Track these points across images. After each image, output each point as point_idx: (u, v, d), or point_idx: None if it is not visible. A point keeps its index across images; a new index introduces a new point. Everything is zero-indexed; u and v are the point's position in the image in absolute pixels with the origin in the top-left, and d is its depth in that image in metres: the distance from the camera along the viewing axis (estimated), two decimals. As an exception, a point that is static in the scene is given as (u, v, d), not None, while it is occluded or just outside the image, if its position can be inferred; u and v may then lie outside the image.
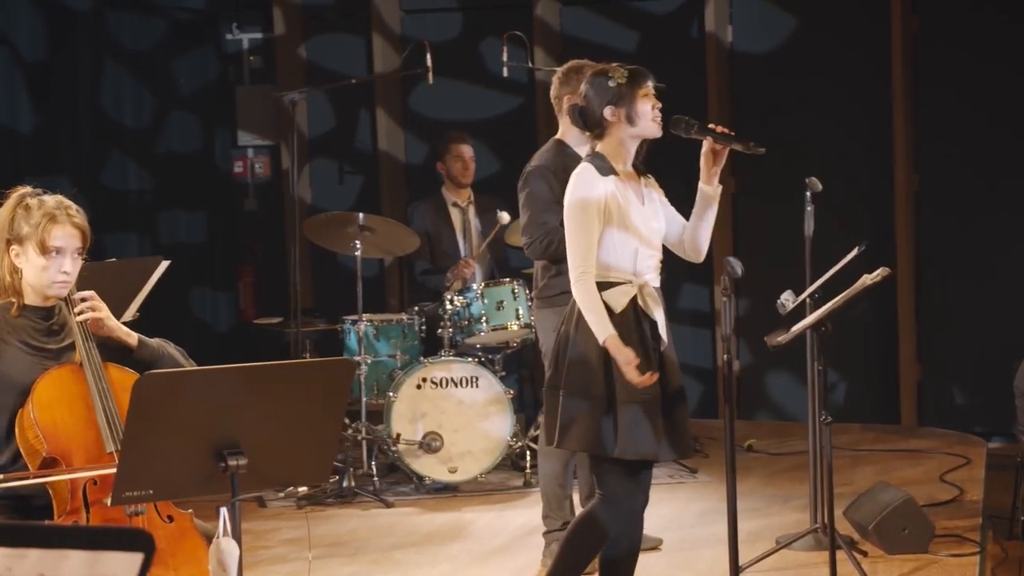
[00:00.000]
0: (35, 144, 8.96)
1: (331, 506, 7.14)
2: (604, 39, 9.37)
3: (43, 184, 8.61)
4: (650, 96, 4.72)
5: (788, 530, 6.38)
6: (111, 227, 9.43)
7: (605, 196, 4.64)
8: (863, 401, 9.23)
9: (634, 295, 4.65)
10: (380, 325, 7.70)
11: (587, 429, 4.62)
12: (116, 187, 9.63)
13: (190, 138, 10.28)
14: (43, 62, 9.04)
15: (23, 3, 8.93)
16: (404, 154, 10.18)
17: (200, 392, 3.73)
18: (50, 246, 4.22)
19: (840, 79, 9.17)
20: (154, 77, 9.94)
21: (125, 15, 9.73)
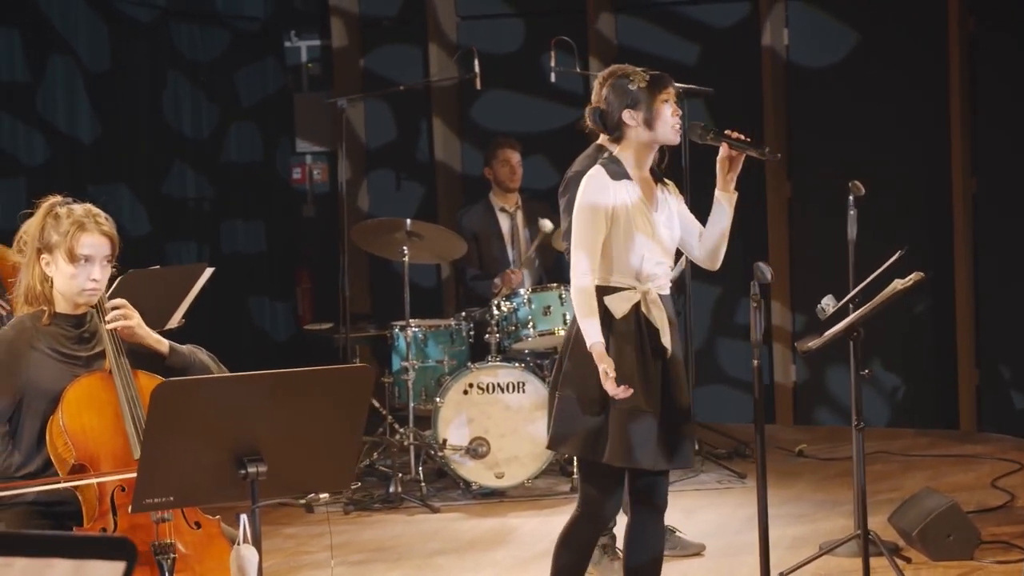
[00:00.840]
0: (96, 153, 9.06)
1: (378, 511, 7.17)
2: (661, 50, 9.33)
3: (103, 192, 8.82)
4: (670, 102, 4.68)
5: (834, 535, 6.33)
6: (171, 236, 9.53)
7: (614, 201, 4.61)
8: (921, 406, 9.14)
9: (637, 301, 4.62)
10: (428, 330, 7.72)
11: (580, 433, 4.60)
12: (176, 196, 9.72)
13: (251, 148, 10.37)
14: (106, 72, 9.14)
15: (86, 13, 9.04)
16: (460, 164, 10.20)
17: (218, 399, 3.76)
18: (79, 254, 4.26)
19: (896, 84, 9.08)
20: (216, 87, 10.04)
21: (188, 26, 9.82)
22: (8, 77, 8.49)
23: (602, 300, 4.61)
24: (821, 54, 9.31)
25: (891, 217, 8.77)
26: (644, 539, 4.76)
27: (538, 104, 9.83)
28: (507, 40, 9.93)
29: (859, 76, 9.18)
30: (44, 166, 8.62)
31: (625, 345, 4.59)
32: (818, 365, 9.23)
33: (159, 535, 4.09)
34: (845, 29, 9.23)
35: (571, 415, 4.62)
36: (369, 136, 10.45)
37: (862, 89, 9.17)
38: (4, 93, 8.46)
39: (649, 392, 4.58)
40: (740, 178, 4.73)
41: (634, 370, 4.57)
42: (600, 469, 4.62)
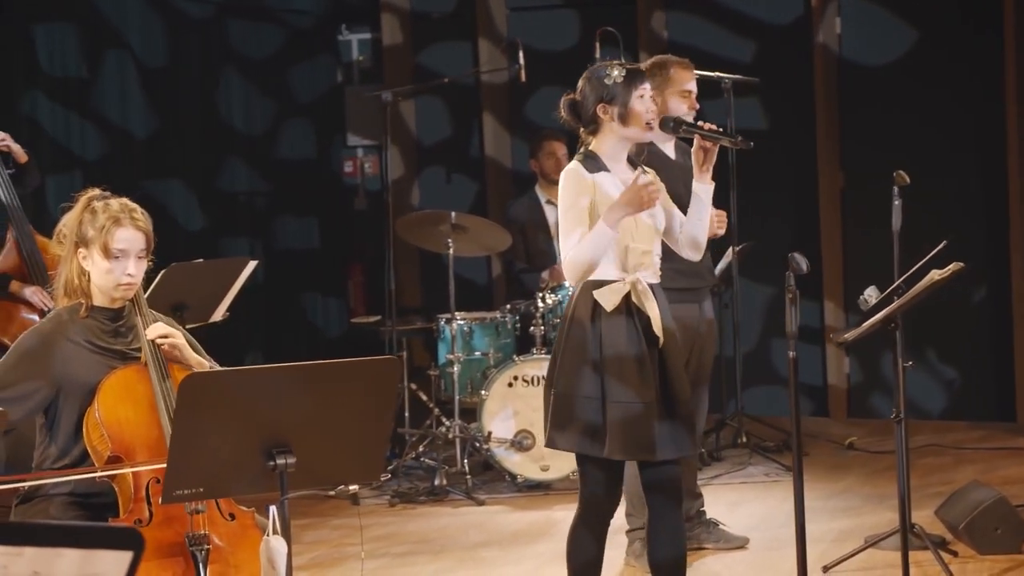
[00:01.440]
0: (151, 148, 9.12)
1: (423, 504, 7.18)
2: (712, 46, 9.26)
3: (157, 188, 8.88)
4: (645, 98, 4.64)
5: (880, 529, 6.27)
6: (225, 231, 9.58)
7: (593, 195, 4.58)
8: (977, 398, 9.04)
9: (627, 292, 4.59)
10: (474, 323, 7.72)
11: (578, 429, 4.58)
12: (230, 192, 9.77)
13: (305, 144, 10.41)
14: (161, 67, 9.20)
15: (142, 9, 9.10)
16: (511, 160, 10.19)
17: (247, 391, 3.77)
18: (113, 249, 4.29)
19: (950, 77, 8.98)
20: (270, 83, 10.08)
21: (243, 21, 9.87)
22: (65, 72, 8.57)
23: (591, 294, 4.58)
24: (874, 50, 9.22)
25: (946, 208, 8.67)
26: (666, 531, 4.72)
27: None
28: (561, 36, 9.89)
29: (913, 67, 9.08)
30: (99, 161, 8.69)
31: (618, 338, 4.55)
32: (871, 358, 9.15)
33: (193, 526, 4.12)
34: (900, 24, 9.13)
35: (567, 412, 4.58)
36: (420, 131, 10.46)
37: (916, 79, 9.07)
38: (61, 88, 8.53)
39: (644, 384, 4.54)
40: (792, 176, 4.70)
41: (629, 363, 4.54)
42: (599, 464, 4.59)
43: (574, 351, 4.58)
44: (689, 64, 5.92)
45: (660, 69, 5.89)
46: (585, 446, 4.62)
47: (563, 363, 4.64)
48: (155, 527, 4.12)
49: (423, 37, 10.44)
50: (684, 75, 5.85)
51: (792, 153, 9.36)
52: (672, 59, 5.92)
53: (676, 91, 5.81)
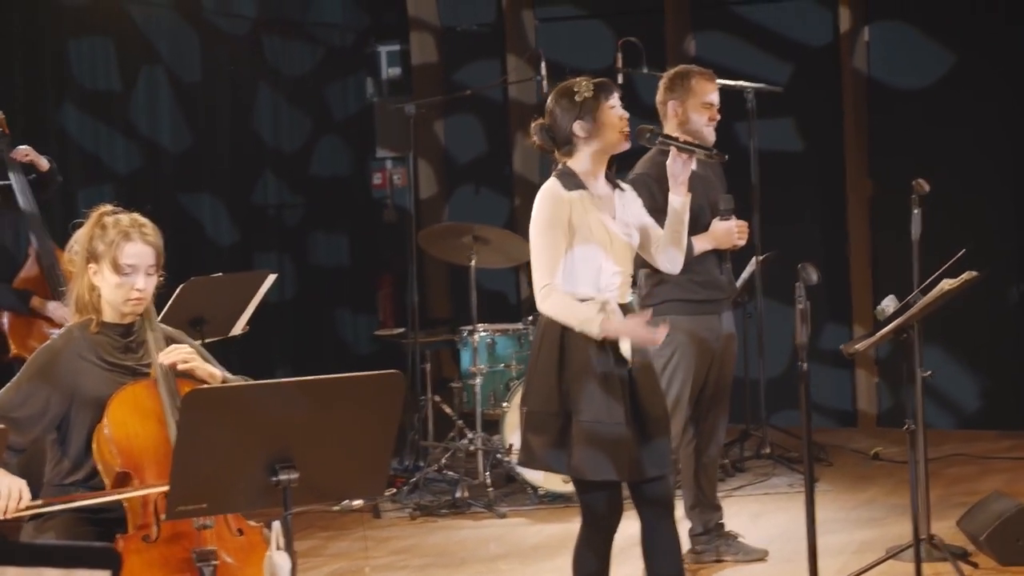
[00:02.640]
0: (185, 162, 9.16)
1: (444, 516, 7.18)
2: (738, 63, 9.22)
3: (190, 202, 8.91)
4: (617, 108, 4.62)
5: (903, 540, 6.21)
6: (258, 246, 9.60)
7: (570, 213, 4.55)
8: (1005, 407, 8.96)
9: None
10: (496, 335, 7.71)
11: (546, 447, 4.56)
12: (263, 207, 9.80)
13: (339, 160, 10.44)
14: (196, 82, 9.25)
15: (180, 25, 9.15)
16: (539, 175, 10.16)
17: (250, 407, 3.77)
18: (122, 264, 4.30)
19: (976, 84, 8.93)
20: (306, 99, 10.10)
21: (279, 38, 9.90)
22: (102, 86, 8.62)
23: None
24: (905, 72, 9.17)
25: (971, 218, 8.61)
26: (661, 544, 4.71)
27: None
28: (590, 48, 9.84)
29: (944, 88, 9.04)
30: (131, 174, 8.73)
31: (585, 357, 4.53)
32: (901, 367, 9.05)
33: (201, 542, 4.12)
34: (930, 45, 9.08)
35: (539, 429, 4.57)
36: (452, 147, 10.46)
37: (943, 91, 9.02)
38: (98, 101, 8.58)
39: (611, 403, 4.52)
40: (825, 193, 4.67)
41: (595, 382, 4.52)
42: (593, 484, 4.58)
43: (544, 368, 4.57)
44: (711, 75, 5.88)
45: (682, 80, 5.87)
46: (552, 463, 4.62)
47: (533, 380, 4.64)
48: (163, 543, 4.13)
49: (453, 52, 10.43)
50: (706, 86, 5.81)
51: (823, 170, 9.30)
52: (694, 69, 5.89)
53: (698, 102, 5.78)
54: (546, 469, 4.76)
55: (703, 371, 5.81)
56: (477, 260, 7.55)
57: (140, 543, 4.12)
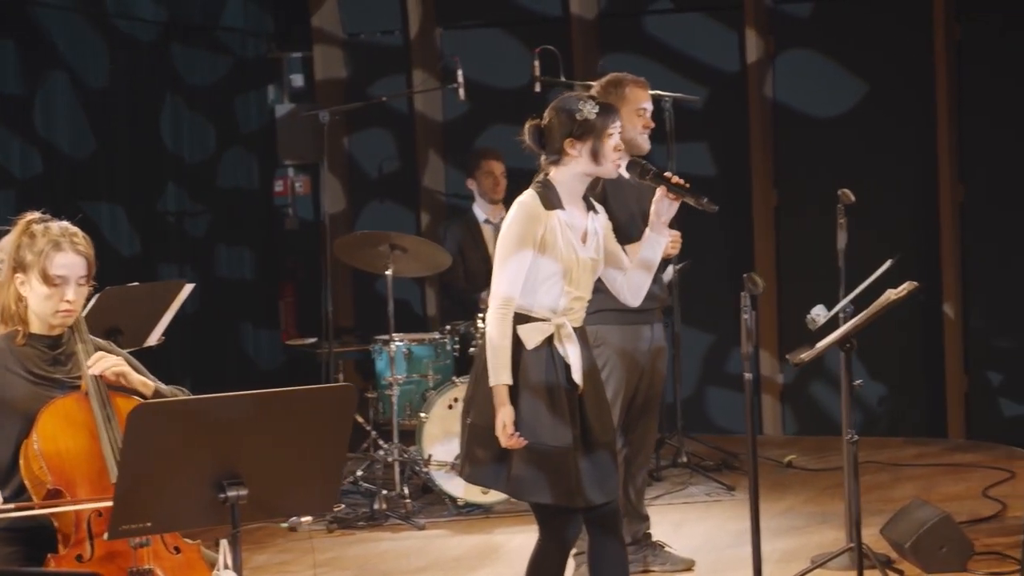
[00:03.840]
0: (90, 170, 8.93)
1: (362, 529, 7.07)
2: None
3: (93, 210, 8.70)
4: (615, 136, 4.57)
5: (826, 548, 6.25)
6: (163, 257, 9.40)
7: (544, 231, 4.50)
8: (909, 415, 9.06)
9: (551, 334, 4.53)
10: (412, 344, 7.62)
11: (488, 463, 4.51)
12: (168, 218, 9.60)
13: (247, 173, 10.25)
14: (103, 89, 9.04)
15: (85, 29, 8.93)
16: (444, 187, 10.07)
17: (197, 422, 3.66)
18: (53, 275, 4.16)
19: (882, 90, 9.02)
20: (214, 110, 9.92)
21: (187, 47, 9.72)
22: (3, 89, 8.38)
23: (515, 329, 4.50)
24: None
25: (880, 225, 8.69)
26: (606, 559, 4.68)
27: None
28: (490, 48, 9.80)
29: (843, 74, 9.11)
30: (35, 180, 8.50)
31: (536, 377, 4.49)
32: (804, 375, 9.14)
33: (137, 561, 4.00)
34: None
35: (482, 443, 4.51)
36: (356, 154, 10.33)
37: (845, 88, 9.11)
38: None
39: (558, 427, 4.47)
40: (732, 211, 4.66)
41: (543, 403, 4.48)
42: None
43: (490, 383, 4.50)
44: (645, 83, 5.85)
45: (615, 87, 5.82)
46: (493, 481, 4.57)
47: (479, 392, 4.56)
48: (97, 562, 4.00)
49: (357, 62, 10.30)
50: (639, 94, 5.78)
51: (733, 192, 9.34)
52: (628, 77, 5.84)
53: (632, 110, 5.74)
54: (485, 485, 4.70)
55: (633, 381, 5.78)
56: (394, 269, 7.44)
57: (74, 563, 3.99)
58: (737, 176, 9.32)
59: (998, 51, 8.76)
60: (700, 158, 9.32)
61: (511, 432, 4.42)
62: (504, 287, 4.50)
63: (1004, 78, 8.75)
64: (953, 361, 8.90)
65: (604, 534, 4.64)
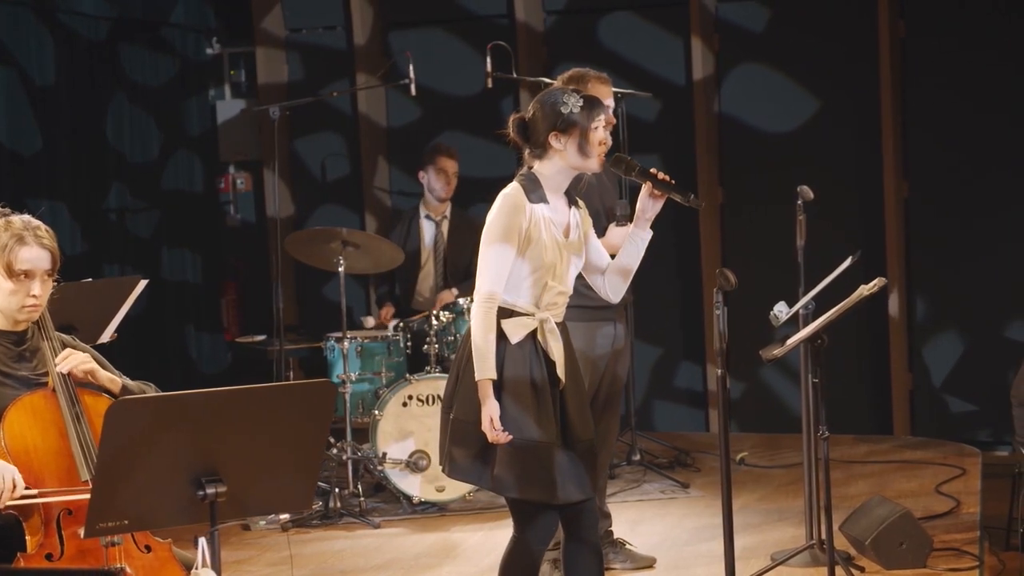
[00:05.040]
0: (37, 167, 8.79)
1: (317, 528, 7.00)
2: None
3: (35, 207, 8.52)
4: (599, 130, 4.56)
5: (784, 546, 6.27)
6: (108, 258, 9.27)
7: (529, 224, 4.48)
8: (855, 412, 9.10)
9: (534, 328, 4.51)
10: (364, 342, 7.56)
11: (471, 458, 4.49)
12: (114, 218, 9.46)
13: (193, 176, 10.13)
14: (50, 86, 8.89)
15: (34, 27, 8.78)
16: (389, 183, 10.00)
17: (175, 419, 3.60)
18: (17, 269, 4.10)
19: (827, 84, 9.06)
20: (162, 110, 9.80)
21: (135, 47, 9.59)
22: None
23: (499, 323, 4.48)
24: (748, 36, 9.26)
25: (828, 219, 8.72)
26: (581, 560, 4.65)
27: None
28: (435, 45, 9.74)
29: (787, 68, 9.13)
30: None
31: (520, 371, 4.47)
32: (752, 370, 9.15)
33: (108, 560, 3.94)
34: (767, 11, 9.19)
35: (465, 438, 4.49)
36: (296, 142, 10.23)
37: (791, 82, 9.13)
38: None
39: (543, 422, 4.47)
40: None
41: (528, 398, 4.46)
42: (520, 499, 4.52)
43: (474, 380, 4.47)
44: (607, 79, 5.83)
45: (578, 83, 5.78)
46: (476, 476, 4.55)
47: (462, 388, 4.53)
48: (68, 561, 3.94)
49: (300, 59, 10.20)
50: (601, 89, 5.75)
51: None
52: (591, 73, 5.81)
53: None
54: (467, 481, 4.67)
55: (596, 378, 5.76)
56: (346, 265, 7.38)
57: (43, 562, 3.93)
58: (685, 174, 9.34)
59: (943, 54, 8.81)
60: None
61: (497, 427, 4.39)
62: (488, 283, 4.47)
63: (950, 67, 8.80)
64: (898, 359, 8.94)
65: (580, 534, 4.61)
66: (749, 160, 9.23)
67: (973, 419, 8.79)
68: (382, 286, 8.35)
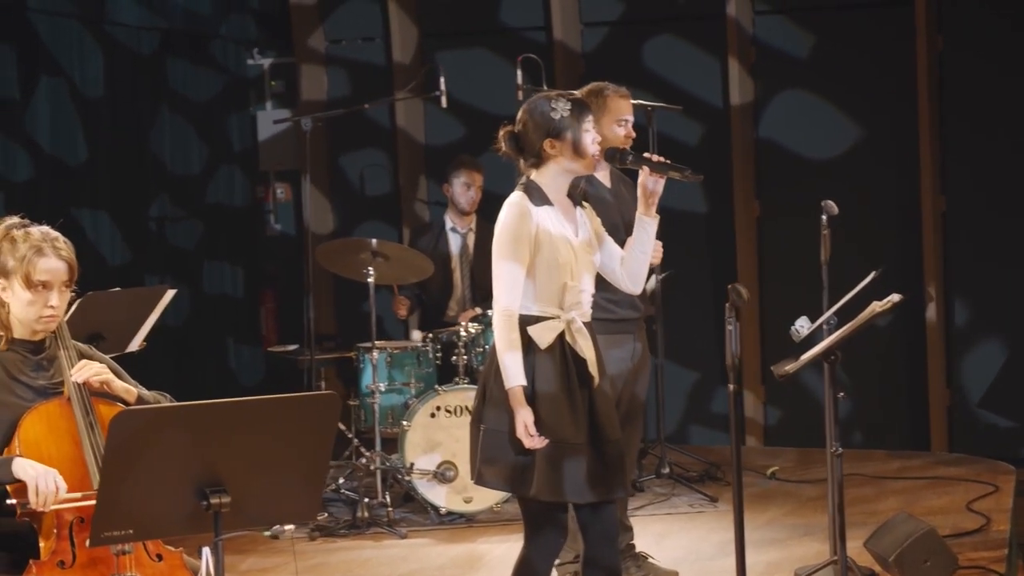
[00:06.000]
0: (81, 177, 8.87)
1: (344, 537, 7.03)
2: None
3: (84, 217, 8.63)
4: (591, 130, 4.58)
5: (808, 561, 6.23)
6: (150, 268, 9.34)
7: (536, 229, 4.51)
8: (892, 428, 9.06)
9: (561, 331, 4.53)
10: (394, 353, 7.59)
11: (507, 467, 4.51)
12: (157, 229, 9.55)
13: (239, 190, 10.22)
14: (98, 97, 8.99)
15: (85, 39, 8.88)
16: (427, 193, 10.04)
17: (180, 429, 3.63)
18: (35, 280, 4.14)
19: (865, 100, 9.02)
20: (209, 125, 9.89)
21: (183, 61, 9.69)
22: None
23: (525, 330, 4.50)
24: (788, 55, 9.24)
25: (863, 235, 8.69)
26: (600, 567, 4.65)
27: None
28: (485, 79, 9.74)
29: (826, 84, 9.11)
30: (25, 184, 8.44)
31: (551, 376, 4.49)
32: (787, 387, 9.11)
33: (119, 568, 3.98)
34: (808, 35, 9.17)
35: (496, 448, 4.51)
36: (335, 154, 10.29)
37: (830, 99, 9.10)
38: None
39: (576, 424, 4.49)
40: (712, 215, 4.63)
41: (562, 402, 4.48)
42: (539, 502, 4.53)
43: (504, 386, 4.49)
44: (626, 93, 5.86)
45: (596, 97, 5.81)
46: (514, 485, 4.56)
47: (492, 398, 4.56)
48: (79, 568, 3.98)
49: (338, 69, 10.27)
50: (621, 104, 5.78)
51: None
52: (609, 87, 5.84)
53: (612, 120, 5.73)
54: (504, 490, 4.70)
55: (617, 389, 5.75)
56: (376, 276, 7.41)
57: (56, 569, 3.97)
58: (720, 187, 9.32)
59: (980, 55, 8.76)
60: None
61: (532, 433, 4.41)
62: (503, 299, 4.52)
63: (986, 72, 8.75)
64: (936, 374, 8.89)
65: (600, 542, 4.61)
66: (786, 177, 9.19)
67: (1013, 435, 8.73)
68: (409, 288, 8.29)
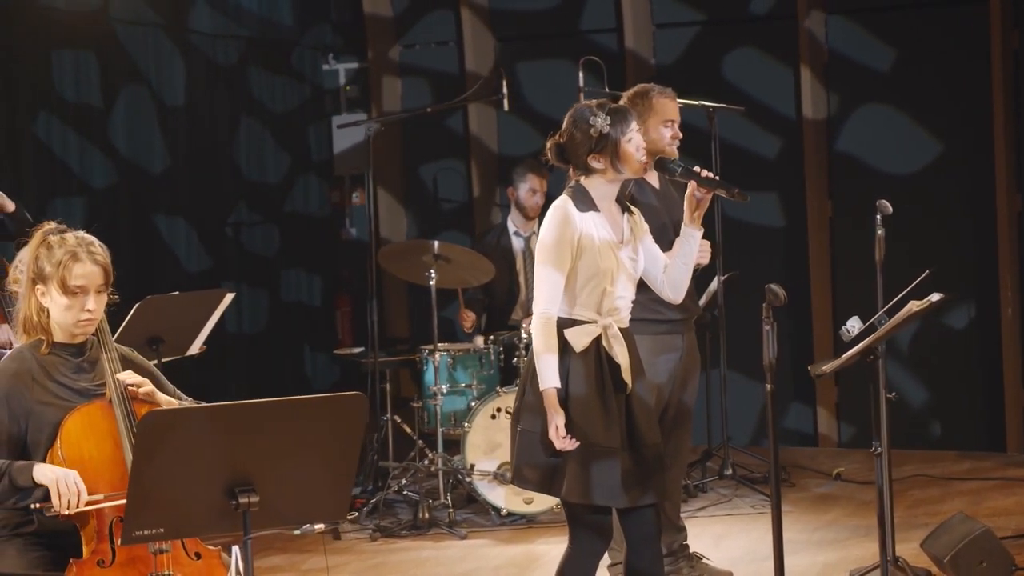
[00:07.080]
0: (162, 184, 9.02)
1: (405, 538, 7.09)
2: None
3: (161, 223, 8.77)
4: (634, 139, 4.60)
5: (865, 562, 6.20)
6: (228, 277, 9.46)
7: (580, 234, 4.54)
8: (966, 428, 8.95)
9: (598, 335, 4.55)
10: (457, 355, 7.64)
11: (540, 467, 4.55)
12: (237, 238, 9.69)
13: (317, 200, 10.34)
14: (179, 106, 9.15)
15: (166, 47, 9.05)
16: (499, 196, 10.09)
17: (209, 429, 3.69)
18: (71, 285, 4.21)
19: (940, 106, 8.93)
20: (289, 134, 10.03)
21: (263, 70, 9.83)
22: (82, 100, 8.48)
23: (562, 333, 4.54)
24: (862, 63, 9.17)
25: (937, 235, 8.61)
26: (644, 569, 4.67)
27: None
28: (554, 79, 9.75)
29: (898, 84, 9.03)
30: (106, 190, 8.60)
31: (585, 379, 4.53)
32: (862, 387, 9.02)
33: (157, 567, 4.05)
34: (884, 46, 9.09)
35: (532, 448, 4.57)
36: (417, 165, 10.36)
37: (902, 98, 9.03)
38: (76, 114, 8.45)
39: (609, 428, 4.52)
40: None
41: (594, 405, 4.51)
42: (581, 506, 4.57)
43: (540, 391, 4.53)
44: (672, 94, 5.85)
45: (642, 99, 5.82)
46: (546, 485, 4.60)
47: (528, 399, 4.60)
48: (118, 567, 4.06)
49: (407, 61, 10.35)
50: (667, 105, 5.78)
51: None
52: (655, 88, 5.85)
53: (659, 121, 5.73)
54: (538, 490, 4.73)
55: (665, 392, 5.77)
56: (438, 279, 7.46)
57: (95, 568, 4.05)
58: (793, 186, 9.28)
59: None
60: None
61: (563, 435, 4.44)
62: (543, 303, 4.56)
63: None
64: (1012, 374, 8.78)
65: (643, 544, 4.64)
66: (859, 182, 9.13)
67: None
68: (476, 292, 8.34)
